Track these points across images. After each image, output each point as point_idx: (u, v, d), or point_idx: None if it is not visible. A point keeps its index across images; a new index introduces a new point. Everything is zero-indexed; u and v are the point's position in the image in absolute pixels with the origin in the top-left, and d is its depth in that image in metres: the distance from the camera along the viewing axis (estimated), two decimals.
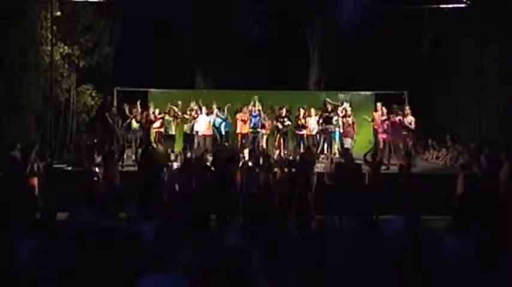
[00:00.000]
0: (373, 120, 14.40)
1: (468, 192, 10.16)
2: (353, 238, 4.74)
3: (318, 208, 10.12)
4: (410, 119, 13.75)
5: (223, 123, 14.76)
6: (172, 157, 12.11)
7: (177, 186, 10.63)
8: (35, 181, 10.35)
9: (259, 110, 14.58)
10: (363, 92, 17.09)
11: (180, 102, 14.78)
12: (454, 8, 15.62)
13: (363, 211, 5.44)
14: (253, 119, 14.54)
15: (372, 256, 4.35)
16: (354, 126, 14.14)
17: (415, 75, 17.57)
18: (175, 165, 11.40)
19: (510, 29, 13.59)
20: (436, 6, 16.14)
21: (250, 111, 14.59)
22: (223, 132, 14.77)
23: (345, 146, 13.61)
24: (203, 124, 14.49)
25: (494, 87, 14.39)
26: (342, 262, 4.35)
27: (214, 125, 14.71)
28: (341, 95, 17.05)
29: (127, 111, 14.56)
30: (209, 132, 14.55)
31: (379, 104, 14.42)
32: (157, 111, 14.51)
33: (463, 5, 15.35)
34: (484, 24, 14.51)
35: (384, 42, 17.44)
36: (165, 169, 10.81)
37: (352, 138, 13.98)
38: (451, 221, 5.22)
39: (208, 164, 10.96)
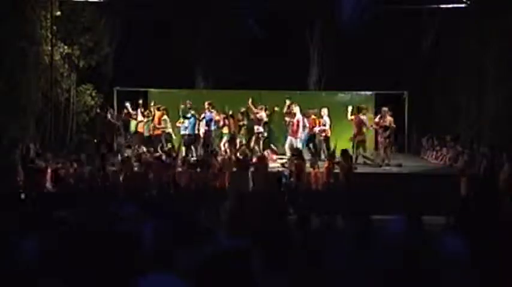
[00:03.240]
0: None
1: (470, 193, 10.17)
2: (352, 238, 4.74)
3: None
4: (389, 120, 13.52)
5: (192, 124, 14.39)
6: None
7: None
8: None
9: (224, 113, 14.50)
10: (363, 92, 17.09)
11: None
12: (454, 8, 15.62)
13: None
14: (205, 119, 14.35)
15: (371, 257, 4.35)
16: (299, 125, 13.79)
17: (415, 75, 17.56)
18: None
19: (510, 29, 13.58)
20: (436, 6, 16.14)
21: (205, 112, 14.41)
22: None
23: (286, 145, 13.76)
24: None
25: (494, 87, 14.38)
26: (342, 262, 4.35)
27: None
28: (341, 95, 17.06)
29: (130, 112, 14.68)
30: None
31: (350, 108, 14.24)
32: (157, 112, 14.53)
33: (463, 5, 15.35)
34: (484, 24, 14.50)
35: (384, 42, 17.43)
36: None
37: (295, 137, 13.74)
38: (451, 222, 5.22)
39: None
